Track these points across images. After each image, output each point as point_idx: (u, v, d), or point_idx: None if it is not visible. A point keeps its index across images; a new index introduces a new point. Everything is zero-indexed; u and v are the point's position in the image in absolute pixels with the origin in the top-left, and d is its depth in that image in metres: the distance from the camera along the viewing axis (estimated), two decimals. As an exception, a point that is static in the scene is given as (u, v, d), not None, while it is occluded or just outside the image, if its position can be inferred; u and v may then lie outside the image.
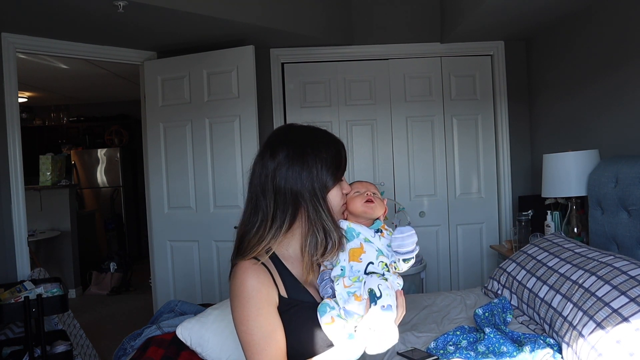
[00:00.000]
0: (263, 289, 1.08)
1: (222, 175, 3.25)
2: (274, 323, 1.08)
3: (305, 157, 1.12)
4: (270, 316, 1.08)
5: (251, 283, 1.08)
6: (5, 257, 2.81)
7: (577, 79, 2.90)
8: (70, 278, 4.97)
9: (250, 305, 1.07)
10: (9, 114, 2.83)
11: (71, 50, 3.08)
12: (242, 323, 1.08)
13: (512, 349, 1.68)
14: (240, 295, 1.08)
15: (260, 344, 1.07)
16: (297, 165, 1.12)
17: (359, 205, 1.18)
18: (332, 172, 1.15)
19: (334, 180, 1.16)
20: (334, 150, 1.17)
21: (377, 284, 1.05)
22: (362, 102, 3.58)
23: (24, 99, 5.95)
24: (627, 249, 2.16)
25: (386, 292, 1.04)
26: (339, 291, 1.08)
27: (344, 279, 1.10)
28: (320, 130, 1.22)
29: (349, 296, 1.07)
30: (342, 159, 1.19)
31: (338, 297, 1.08)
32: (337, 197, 1.18)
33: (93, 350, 3.08)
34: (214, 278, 3.31)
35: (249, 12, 2.88)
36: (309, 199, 1.11)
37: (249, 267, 1.10)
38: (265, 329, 1.07)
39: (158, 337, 1.99)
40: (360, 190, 1.21)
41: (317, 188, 1.12)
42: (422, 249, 3.52)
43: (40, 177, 5.00)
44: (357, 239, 1.14)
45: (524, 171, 3.60)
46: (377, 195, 1.22)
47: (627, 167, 2.16)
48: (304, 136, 1.18)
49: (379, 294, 1.03)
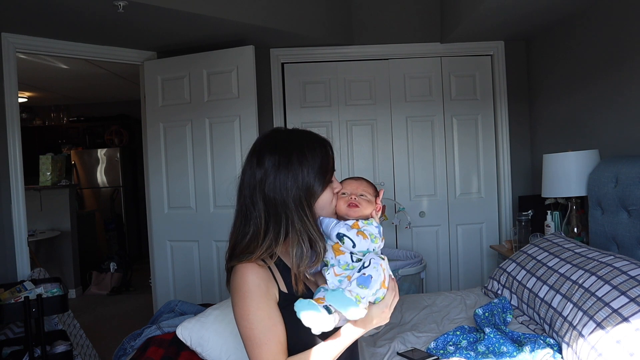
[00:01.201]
0: (263, 284, 1.11)
1: (222, 175, 3.25)
2: (274, 317, 1.10)
3: (291, 165, 1.12)
4: (271, 311, 1.10)
5: (251, 278, 1.10)
6: (5, 257, 2.81)
7: (577, 79, 2.90)
8: (70, 278, 4.97)
9: (251, 300, 1.09)
10: (9, 114, 2.83)
11: (71, 50, 3.08)
12: (243, 318, 1.10)
13: (512, 349, 1.68)
14: (240, 290, 1.10)
15: (261, 338, 1.08)
16: (283, 174, 1.12)
17: (343, 207, 1.20)
18: (320, 176, 1.15)
19: (323, 185, 1.16)
20: (320, 153, 1.17)
21: (369, 258, 1.09)
22: (362, 102, 3.58)
23: (24, 99, 5.95)
24: (627, 249, 2.16)
25: (374, 265, 1.08)
26: (330, 280, 1.11)
27: (335, 268, 1.13)
28: (305, 133, 1.21)
29: (340, 283, 1.10)
30: (329, 161, 1.19)
31: (330, 285, 1.11)
32: (327, 199, 1.18)
33: (93, 350, 3.08)
34: (214, 278, 3.31)
35: (249, 12, 2.88)
36: (294, 209, 1.12)
37: (248, 265, 1.12)
38: (265, 323, 1.09)
39: (158, 337, 1.99)
40: (346, 191, 1.22)
41: (303, 197, 1.12)
42: (422, 249, 3.55)
43: (40, 177, 5.00)
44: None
45: (524, 171, 3.60)
46: (365, 196, 1.21)
47: (627, 167, 2.16)
48: (289, 141, 1.17)
49: (368, 264, 1.08)
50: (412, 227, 3.55)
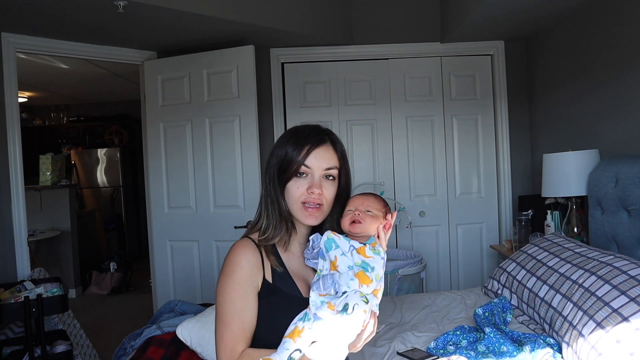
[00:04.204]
0: (248, 268, 1.13)
1: (222, 175, 3.25)
2: (246, 303, 1.12)
3: (279, 141, 1.23)
4: (246, 296, 1.12)
5: (238, 259, 1.13)
6: (5, 257, 2.81)
7: (578, 79, 2.90)
8: (70, 278, 4.97)
9: (231, 280, 1.12)
10: (9, 114, 2.83)
11: (71, 50, 3.08)
12: (219, 294, 1.13)
13: (512, 348, 1.68)
14: (226, 268, 1.14)
15: (228, 318, 1.11)
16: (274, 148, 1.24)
17: (346, 224, 1.18)
18: (279, 172, 1.18)
19: (280, 182, 1.18)
20: (282, 151, 1.19)
21: (354, 303, 1.01)
22: (362, 102, 3.58)
23: (24, 99, 5.95)
24: (627, 248, 2.16)
25: (358, 312, 1.00)
26: (312, 298, 1.07)
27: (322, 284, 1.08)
28: (292, 130, 1.26)
29: (322, 304, 1.05)
30: (290, 162, 1.17)
31: (311, 303, 1.06)
32: (294, 192, 1.18)
33: (93, 350, 3.08)
34: (214, 278, 3.30)
35: (249, 12, 2.88)
36: (266, 175, 1.22)
37: (243, 245, 1.16)
38: (236, 306, 1.11)
39: (158, 337, 1.99)
40: (352, 208, 1.20)
41: (275, 166, 1.20)
42: (423, 248, 3.55)
43: (40, 177, 5.00)
44: (334, 251, 1.11)
45: (524, 171, 3.60)
46: (371, 212, 1.18)
47: (627, 167, 2.16)
48: (284, 136, 1.25)
49: (351, 311, 1.00)
50: (412, 227, 3.55)
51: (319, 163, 1.18)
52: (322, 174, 1.18)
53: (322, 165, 1.18)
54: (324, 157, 1.19)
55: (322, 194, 1.17)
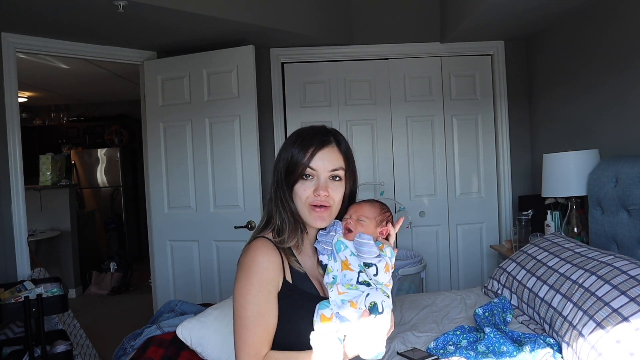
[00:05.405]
0: (271, 268, 1.12)
1: (222, 175, 3.25)
2: (270, 305, 1.11)
3: (285, 143, 1.25)
4: (270, 297, 1.11)
5: (262, 260, 1.12)
6: (5, 257, 2.81)
7: (578, 79, 2.90)
8: (70, 278, 4.97)
9: (255, 281, 1.10)
10: (9, 114, 2.82)
11: (71, 50, 3.08)
12: (241, 296, 1.11)
13: (512, 348, 1.68)
14: (248, 269, 1.12)
15: (251, 321, 1.09)
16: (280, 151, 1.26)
17: (343, 230, 1.22)
18: (286, 175, 1.19)
19: (287, 185, 1.19)
20: (288, 154, 1.20)
21: (381, 300, 1.07)
22: (362, 102, 3.58)
23: (24, 99, 5.95)
24: (627, 248, 2.16)
25: (387, 310, 1.07)
26: (332, 298, 1.09)
27: (338, 286, 1.11)
28: (298, 132, 1.26)
29: (343, 303, 1.07)
30: (296, 165, 1.18)
31: (332, 304, 1.08)
32: (302, 194, 1.19)
33: (93, 350, 3.08)
34: (214, 278, 3.31)
35: (249, 12, 2.88)
36: (276, 180, 1.23)
37: (264, 245, 1.14)
38: (260, 308, 1.10)
39: (158, 337, 1.99)
40: (346, 215, 1.23)
41: (282, 169, 1.21)
42: (422, 248, 3.55)
43: (40, 177, 5.00)
44: (343, 252, 1.15)
45: (524, 171, 3.60)
46: (363, 220, 1.20)
47: (627, 167, 2.16)
48: (290, 139, 1.25)
49: (381, 309, 1.06)
50: (412, 227, 3.55)
51: (324, 165, 1.18)
52: (328, 175, 1.18)
53: (327, 166, 1.18)
54: (329, 158, 1.19)
55: (329, 195, 1.17)
